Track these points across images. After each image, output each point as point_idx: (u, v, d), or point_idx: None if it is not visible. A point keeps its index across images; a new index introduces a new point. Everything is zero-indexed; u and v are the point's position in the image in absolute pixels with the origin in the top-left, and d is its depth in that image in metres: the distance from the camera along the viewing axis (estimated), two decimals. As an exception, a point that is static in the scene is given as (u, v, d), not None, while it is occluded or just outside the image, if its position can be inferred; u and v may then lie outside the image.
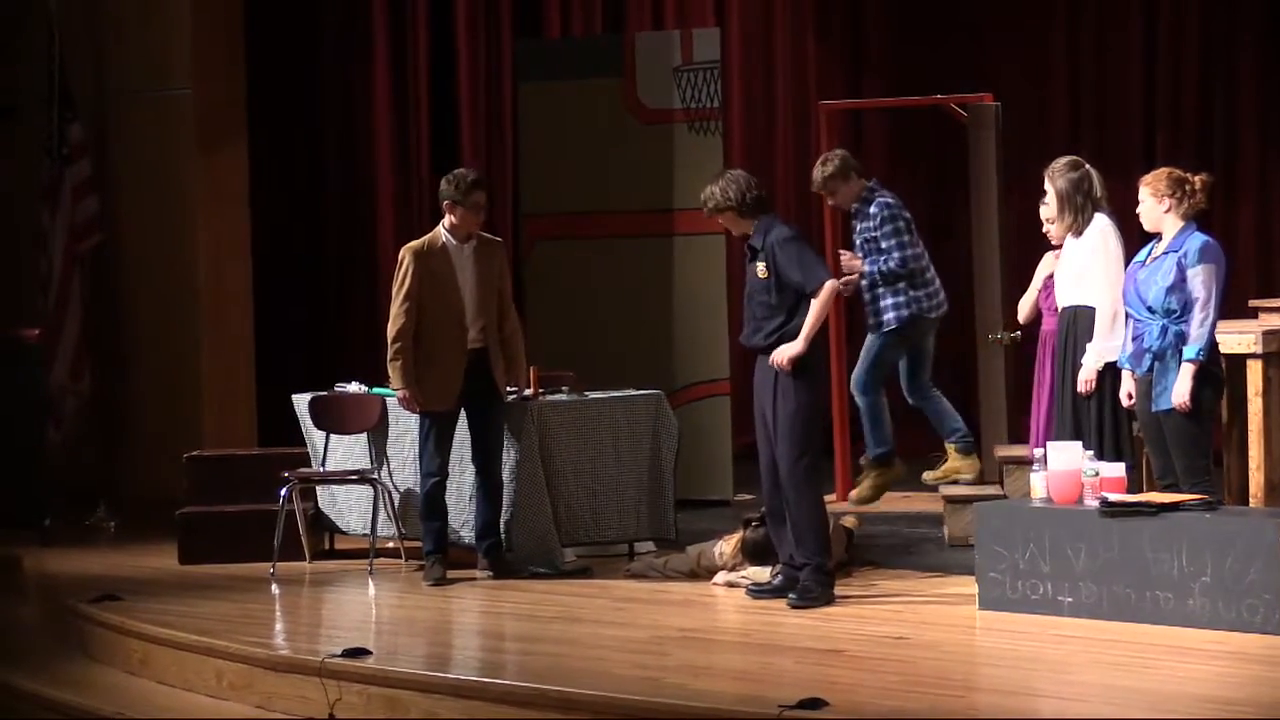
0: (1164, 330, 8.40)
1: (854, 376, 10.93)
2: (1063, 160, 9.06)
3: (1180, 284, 8.37)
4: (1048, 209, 9.15)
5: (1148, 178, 8.60)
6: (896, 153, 14.62)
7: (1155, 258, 8.50)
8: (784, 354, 8.70)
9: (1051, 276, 9.35)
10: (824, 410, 9.08)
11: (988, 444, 11.08)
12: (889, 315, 10.68)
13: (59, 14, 13.07)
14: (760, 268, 8.78)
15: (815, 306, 8.68)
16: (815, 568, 8.76)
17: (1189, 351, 8.33)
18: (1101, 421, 8.81)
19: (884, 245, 10.66)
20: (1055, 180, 9.00)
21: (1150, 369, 8.47)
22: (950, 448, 10.88)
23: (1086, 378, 8.74)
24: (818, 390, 8.86)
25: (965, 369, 12.72)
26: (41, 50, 13.13)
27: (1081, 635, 7.92)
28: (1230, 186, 13.61)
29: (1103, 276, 8.80)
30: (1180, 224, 8.48)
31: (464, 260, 9.81)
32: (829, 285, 8.70)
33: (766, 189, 11.36)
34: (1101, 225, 8.91)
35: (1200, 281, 8.35)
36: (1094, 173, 8.98)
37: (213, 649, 8.45)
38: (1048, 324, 9.44)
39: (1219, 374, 8.55)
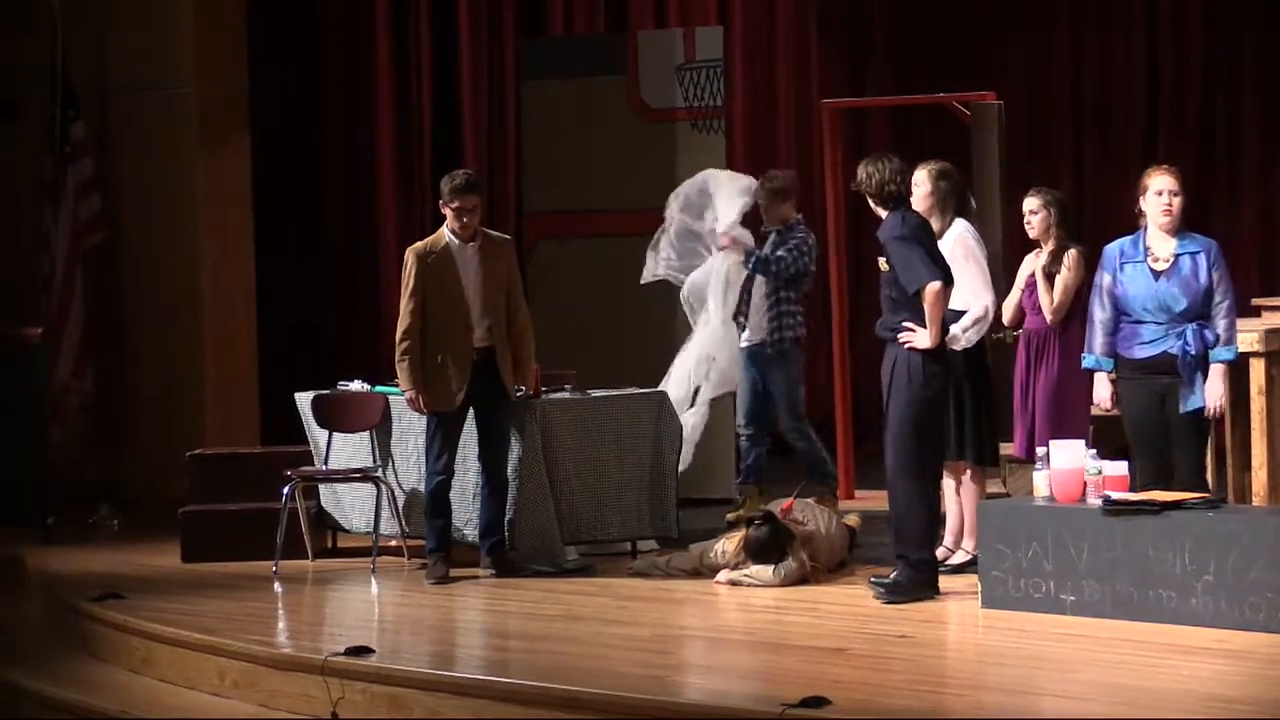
0: (1199, 332, 8.40)
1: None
2: (936, 165, 9.30)
3: (1210, 286, 8.41)
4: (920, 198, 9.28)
5: (1173, 169, 8.60)
6: (899, 151, 14.54)
7: (1166, 260, 8.46)
8: (914, 338, 8.64)
9: (1033, 276, 9.43)
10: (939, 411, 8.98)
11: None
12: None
13: (61, 12, 13.06)
14: (881, 261, 8.79)
15: (926, 310, 8.60)
16: (912, 563, 8.73)
17: (1226, 354, 8.38)
18: (962, 408, 9.13)
19: None
20: (935, 182, 9.21)
21: (1178, 372, 8.44)
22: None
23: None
24: (934, 390, 8.75)
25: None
26: (44, 48, 13.12)
27: (1084, 634, 7.92)
28: (1232, 185, 13.63)
29: (971, 281, 9.08)
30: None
31: (467, 260, 9.80)
32: (930, 288, 8.59)
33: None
34: (959, 230, 9.19)
35: (1226, 284, 8.40)
36: (961, 183, 9.39)
37: (215, 647, 8.45)
38: (1030, 323, 9.48)
39: None
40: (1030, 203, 9.50)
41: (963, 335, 9.09)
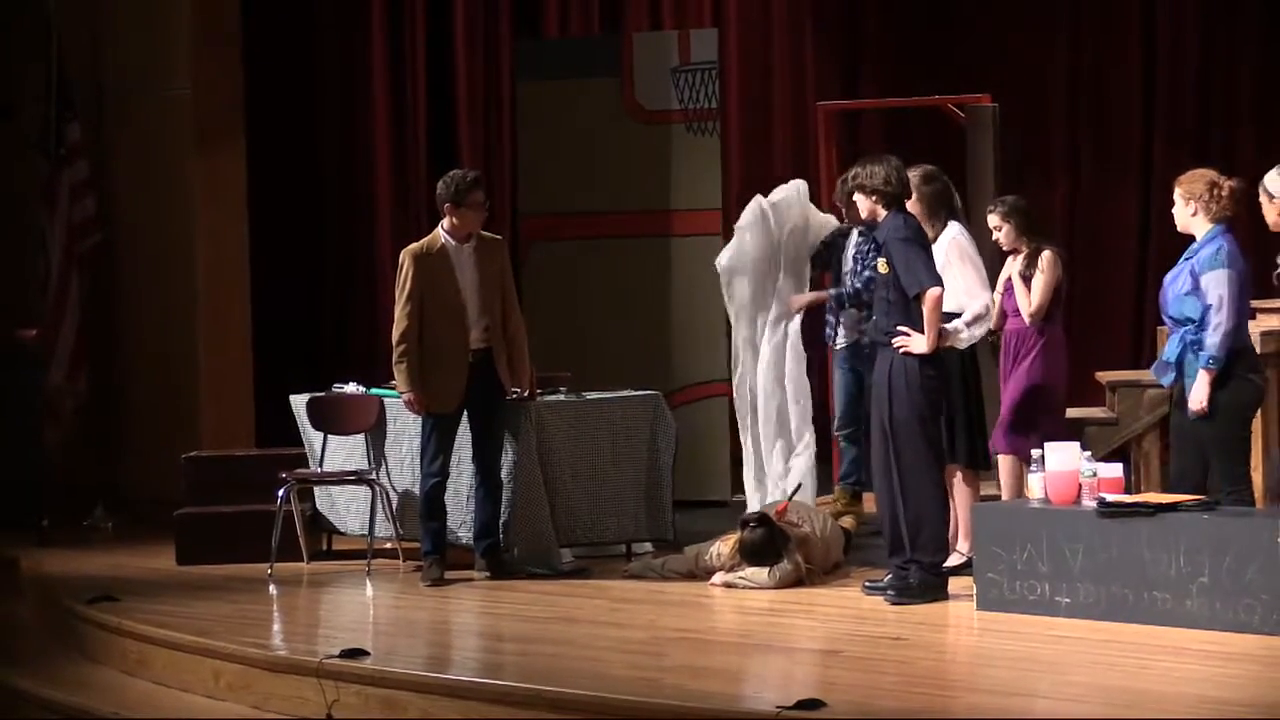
0: (1183, 338, 8.33)
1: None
2: (920, 170, 9.29)
3: (1195, 291, 8.31)
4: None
5: (1182, 178, 8.56)
6: (894, 153, 14.58)
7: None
8: (910, 343, 8.60)
9: (1010, 280, 9.46)
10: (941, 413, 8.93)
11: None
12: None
13: (57, 13, 13.05)
14: (881, 263, 8.75)
15: (925, 314, 8.59)
16: (925, 566, 8.70)
17: (1201, 359, 8.23)
18: (953, 411, 9.11)
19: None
20: (919, 188, 9.19)
21: (1180, 378, 8.38)
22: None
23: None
24: (937, 392, 8.73)
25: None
26: (39, 49, 13.11)
27: (1079, 636, 7.92)
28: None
29: (967, 281, 9.13)
30: (1206, 228, 8.42)
31: (464, 261, 9.80)
32: (931, 293, 8.57)
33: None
34: (953, 233, 9.26)
35: (1212, 288, 8.29)
36: (950, 184, 9.43)
37: (210, 649, 8.45)
38: (1011, 325, 9.49)
39: (1256, 379, 8.41)
40: (991, 219, 9.56)
41: (965, 331, 9.06)
